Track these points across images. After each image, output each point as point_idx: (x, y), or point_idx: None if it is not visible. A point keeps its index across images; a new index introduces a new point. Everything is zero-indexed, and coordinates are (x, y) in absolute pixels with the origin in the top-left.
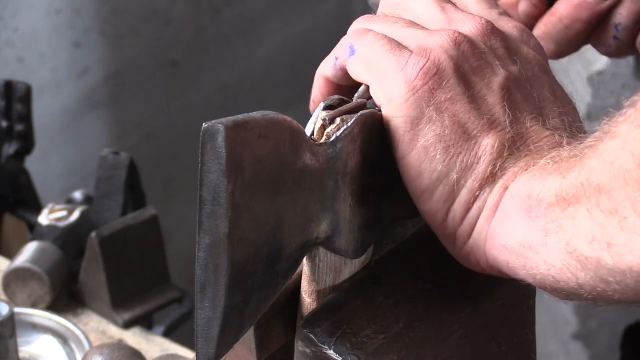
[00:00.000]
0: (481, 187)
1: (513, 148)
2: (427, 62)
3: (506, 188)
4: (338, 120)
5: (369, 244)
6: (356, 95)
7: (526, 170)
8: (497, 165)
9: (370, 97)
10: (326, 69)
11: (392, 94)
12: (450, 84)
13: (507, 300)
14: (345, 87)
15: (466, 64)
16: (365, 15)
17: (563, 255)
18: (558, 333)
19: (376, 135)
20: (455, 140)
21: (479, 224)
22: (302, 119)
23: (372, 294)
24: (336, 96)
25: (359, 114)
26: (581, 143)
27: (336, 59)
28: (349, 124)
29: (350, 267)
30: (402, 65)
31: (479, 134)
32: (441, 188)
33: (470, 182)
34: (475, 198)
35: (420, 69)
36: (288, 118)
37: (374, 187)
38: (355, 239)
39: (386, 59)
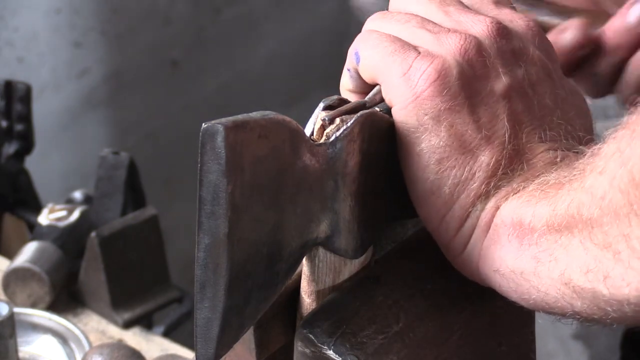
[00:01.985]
0: (474, 204)
1: (508, 168)
2: (429, 67)
3: (498, 208)
4: (338, 120)
5: (369, 244)
6: (369, 95)
7: (517, 193)
8: (492, 184)
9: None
10: (346, 83)
11: (395, 98)
12: (452, 92)
13: (507, 300)
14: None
15: (471, 71)
16: (380, 12)
17: (558, 285)
18: (558, 333)
19: (376, 136)
20: (450, 153)
21: (472, 241)
22: (302, 119)
23: (372, 294)
24: (335, 96)
25: (358, 114)
26: (571, 165)
27: (348, 70)
28: (349, 124)
29: (350, 268)
30: (405, 70)
31: (475, 149)
32: (434, 199)
33: (464, 198)
34: (468, 215)
35: (421, 75)
36: (288, 118)
37: (373, 188)
38: (355, 239)
39: (390, 61)
